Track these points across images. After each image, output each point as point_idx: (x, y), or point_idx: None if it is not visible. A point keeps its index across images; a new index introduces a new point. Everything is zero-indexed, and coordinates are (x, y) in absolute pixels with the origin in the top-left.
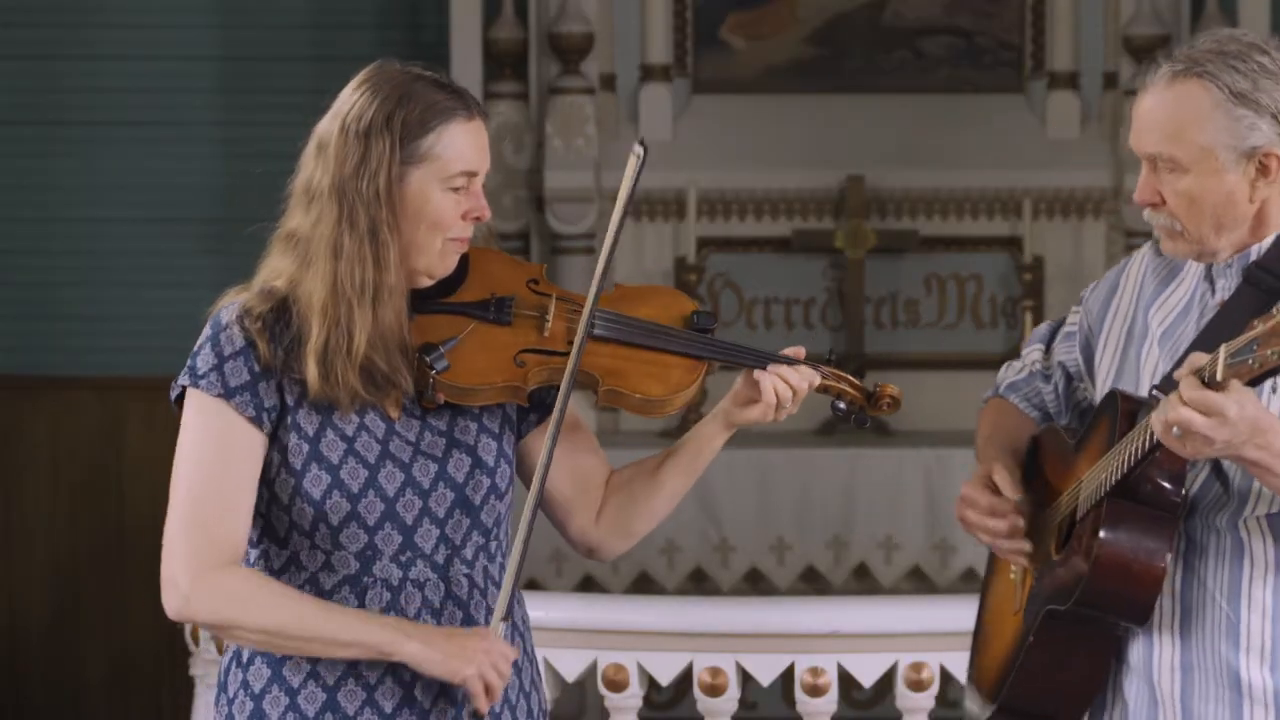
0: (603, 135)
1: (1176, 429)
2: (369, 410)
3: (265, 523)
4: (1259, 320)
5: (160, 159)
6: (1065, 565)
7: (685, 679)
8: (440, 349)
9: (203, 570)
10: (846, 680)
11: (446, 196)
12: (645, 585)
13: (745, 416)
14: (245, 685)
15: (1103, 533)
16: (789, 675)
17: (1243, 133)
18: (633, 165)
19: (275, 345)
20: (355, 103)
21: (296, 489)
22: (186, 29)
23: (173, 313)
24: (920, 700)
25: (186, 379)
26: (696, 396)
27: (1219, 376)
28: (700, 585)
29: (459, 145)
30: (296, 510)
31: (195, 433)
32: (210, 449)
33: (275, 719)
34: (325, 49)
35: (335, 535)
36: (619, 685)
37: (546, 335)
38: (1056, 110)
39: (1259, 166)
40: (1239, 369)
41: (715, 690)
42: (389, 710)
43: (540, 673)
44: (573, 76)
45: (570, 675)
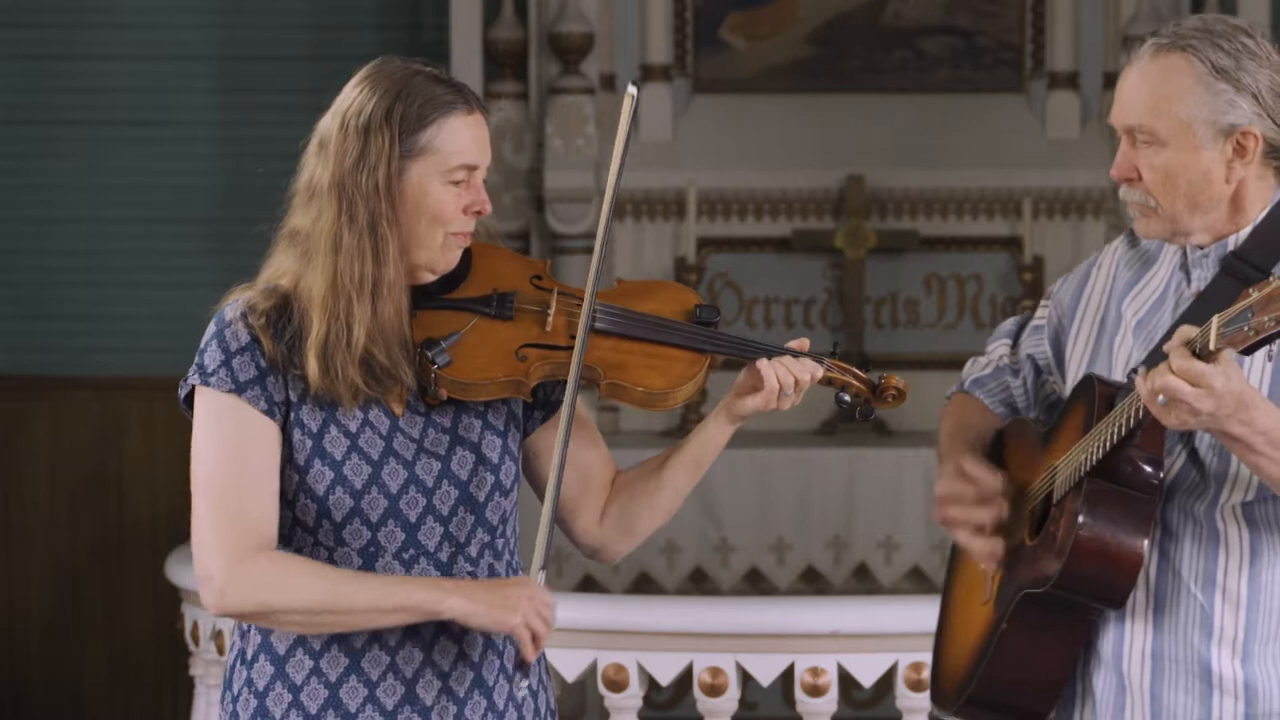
0: (603, 135)
1: (1162, 397)
2: (373, 407)
3: None
4: (1254, 289)
5: (160, 159)
6: (1042, 549)
7: (685, 679)
8: (442, 344)
9: (235, 562)
10: (846, 680)
11: (446, 190)
12: (645, 585)
13: (748, 405)
14: (249, 683)
15: (1082, 513)
16: (789, 675)
17: (1222, 108)
18: (628, 105)
19: (278, 341)
20: (355, 99)
21: (300, 485)
22: (186, 29)
23: (172, 313)
24: (920, 700)
25: (196, 377)
26: (699, 390)
27: (1212, 345)
28: (700, 585)
29: (458, 138)
30: (300, 506)
31: (210, 430)
32: (228, 444)
33: (279, 716)
34: (325, 49)
35: (339, 531)
36: (619, 685)
37: (548, 330)
38: (1056, 110)
39: (1236, 146)
40: (1233, 337)
41: (715, 690)
42: (390, 707)
43: (548, 672)
44: (573, 76)
45: (570, 675)
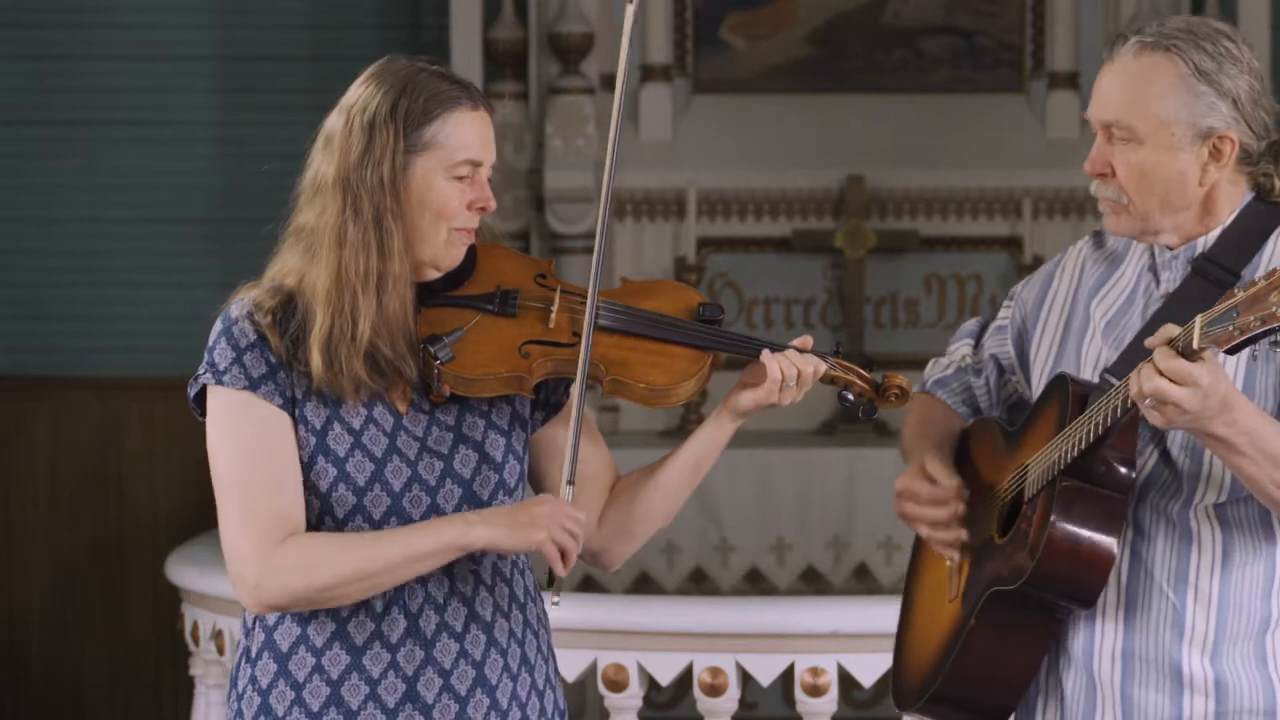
0: (602, 135)
1: (1150, 400)
2: (377, 404)
3: None
4: (1239, 289)
5: (160, 159)
6: (1013, 546)
7: (685, 679)
8: (445, 340)
9: (264, 556)
10: (846, 680)
11: (451, 185)
12: (645, 585)
13: (748, 399)
14: (253, 680)
15: (1056, 511)
16: (789, 675)
17: (1202, 111)
18: (630, 18)
19: (283, 338)
20: (360, 95)
21: (303, 482)
22: (186, 29)
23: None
24: None
25: (208, 376)
26: (701, 388)
27: (1195, 345)
28: (700, 585)
29: (463, 134)
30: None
31: (228, 428)
32: (246, 439)
33: (281, 713)
34: (325, 49)
35: (341, 528)
36: (619, 685)
37: (551, 327)
38: (1056, 110)
39: (1212, 149)
40: (1218, 336)
41: (715, 690)
42: (392, 705)
43: (557, 670)
44: (573, 76)
45: (570, 675)
